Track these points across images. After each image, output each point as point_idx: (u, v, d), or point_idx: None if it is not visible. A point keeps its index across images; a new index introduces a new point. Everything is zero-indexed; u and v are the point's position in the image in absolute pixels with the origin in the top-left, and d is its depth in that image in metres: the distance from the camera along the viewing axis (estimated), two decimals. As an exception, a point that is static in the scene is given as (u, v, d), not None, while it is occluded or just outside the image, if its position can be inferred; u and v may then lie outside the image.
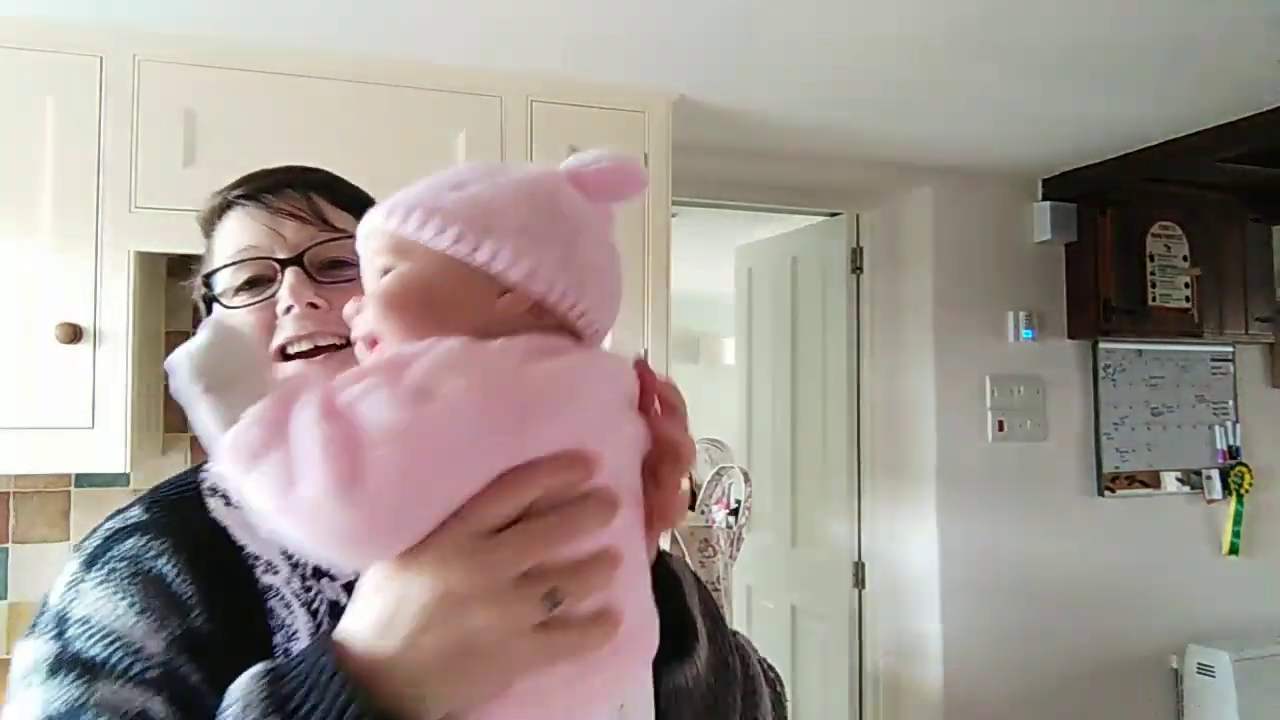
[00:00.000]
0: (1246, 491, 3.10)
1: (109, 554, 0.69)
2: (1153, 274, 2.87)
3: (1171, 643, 2.99)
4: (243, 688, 0.50)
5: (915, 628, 2.81)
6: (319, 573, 0.69)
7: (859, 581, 2.99)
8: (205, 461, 0.73)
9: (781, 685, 0.80)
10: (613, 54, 1.91)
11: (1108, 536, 2.93)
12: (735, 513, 2.89)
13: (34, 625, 0.67)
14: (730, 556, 2.84)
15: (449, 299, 0.53)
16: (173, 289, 2.13)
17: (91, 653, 0.62)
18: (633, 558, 0.52)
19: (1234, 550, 3.08)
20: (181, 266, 2.30)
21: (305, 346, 0.71)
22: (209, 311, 0.76)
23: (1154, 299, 2.87)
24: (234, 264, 0.73)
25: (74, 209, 1.71)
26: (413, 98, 1.92)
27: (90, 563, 0.69)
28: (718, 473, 2.97)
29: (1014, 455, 2.83)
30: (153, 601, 0.65)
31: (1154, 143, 2.50)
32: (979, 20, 1.75)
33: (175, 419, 2.12)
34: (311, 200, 0.75)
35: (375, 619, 0.48)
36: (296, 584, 0.69)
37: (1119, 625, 2.93)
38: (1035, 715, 2.80)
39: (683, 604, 0.67)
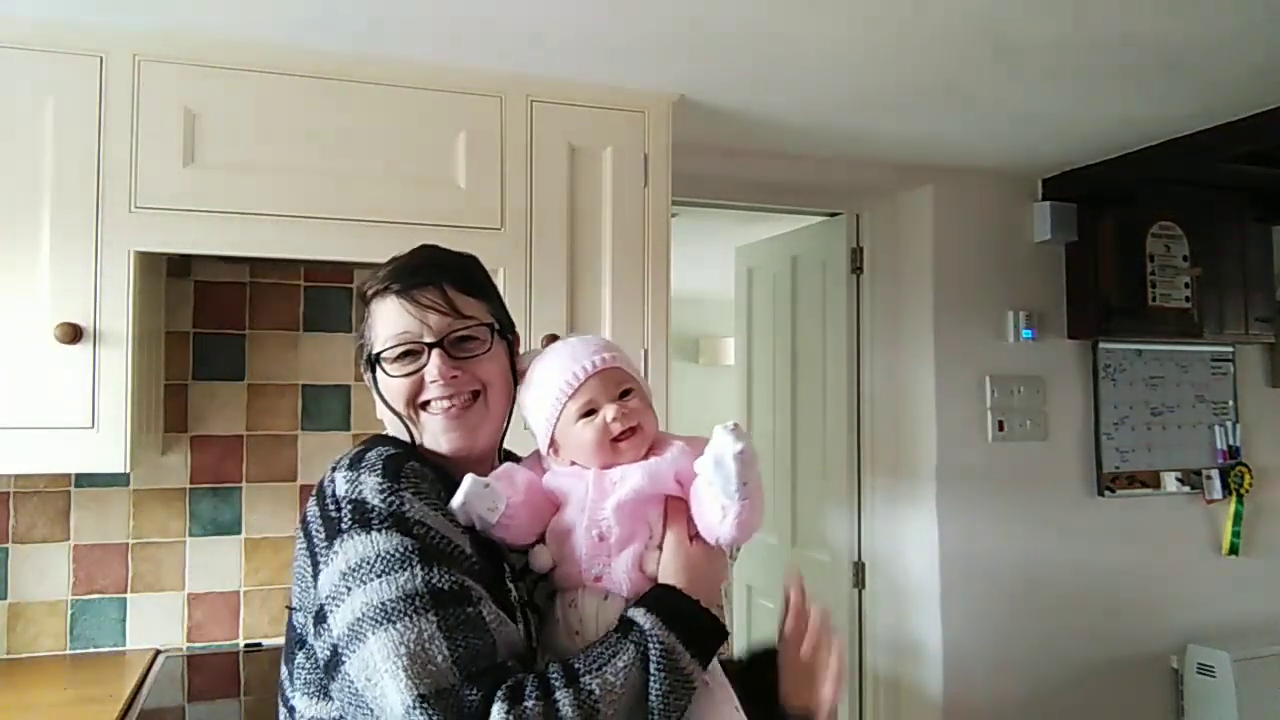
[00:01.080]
0: (1246, 491, 3.10)
1: (402, 470, 0.93)
2: (1153, 274, 2.87)
3: (1171, 643, 3.00)
4: (640, 615, 0.90)
5: (915, 628, 2.81)
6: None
7: (859, 581, 2.98)
8: (386, 434, 1.05)
9: None
10: (613, 54, 1.91)
11: (1108, 536, 2.93)
12: (735, 513, 2.88)
13: (363, 522, 0.88)
14: (730, 556, 2.84)
15: (650, 407, 1.05)
16: (172, 289, 2.13)
17: (444, 549, 0.89)
18: None
19: (1234, 550, 3.08)
20: (181, 266, 2.30)
21: (445, 405, 1.02)
22: (372, 370, 1.04)
23: (1154, 299, 2.87)
24: (395, 346, 1.01)
25: (74, 209, 1.71)
26: (413, 98, 1.92)
27: (393, 476, 0.92)
28: (718, 473, 2.96)
29: (1014, 455, 2.83)
30: (448, 515, 0.92)
31: (1154, 143, 2.51)
32: (979, 20, 1.75)
33: (175, 419, 2.13)
34: (446, 293, 1.02)
35: (688, 577, 0.94)
36: None
37: (1119, 625, 2.93)
38: (1035, 715, 2.80)
39: None
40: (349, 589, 0.86)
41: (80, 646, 2.04)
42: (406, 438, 1.04)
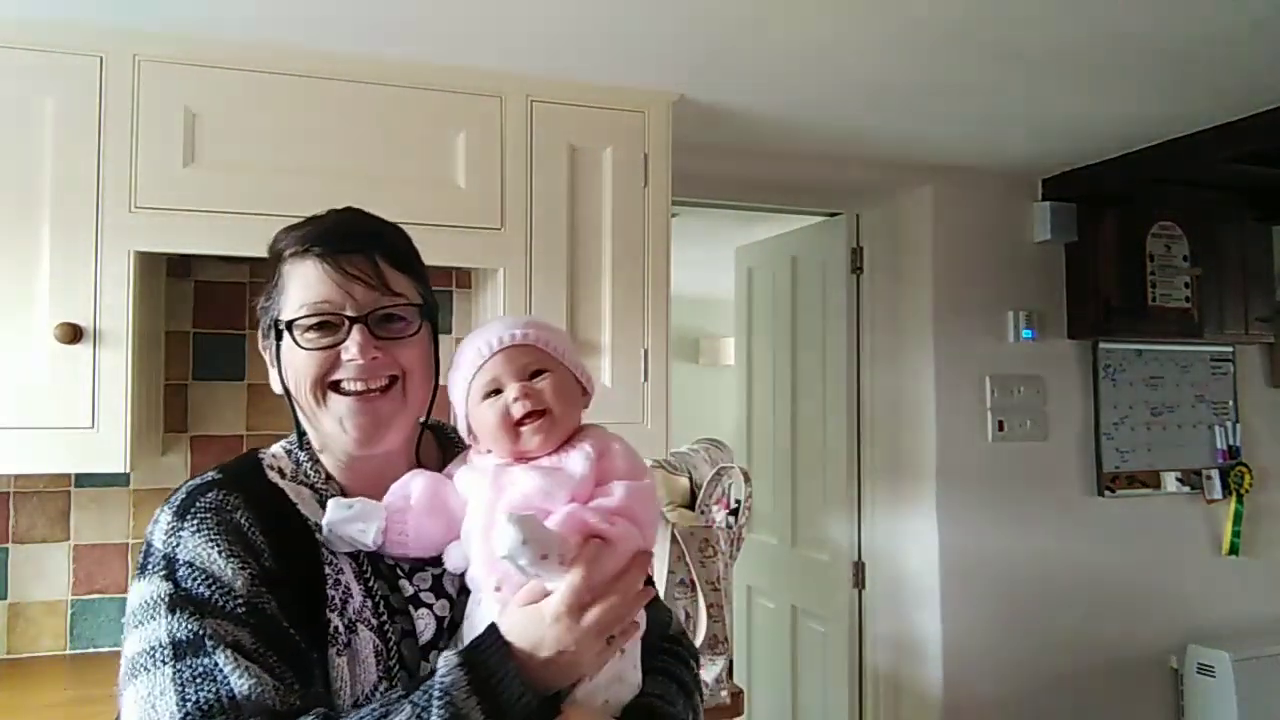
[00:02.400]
0: (1246, 491, 3.10)
1: (195, 506, 0.86)
2: (1153, 274, 2.87)
3: (1171, 643, 3.00)
4: (444, 673, 0.77)
5: (915, 628, 2.81)
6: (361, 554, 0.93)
7: (859, 581, 2.99)
8: (259, 448, 0.97)
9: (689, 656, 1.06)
10: (613, 54, 1.91)
11: (1108, 536, 2.93)
12: (735, 513, 2.88)
13: (143, 567, 0.85)
14: (730, 556, 2.84)
15: (571, 395, 0.98)
16: (173, 289, 2.13)
17: (198, 592, 0.81)
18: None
19: (1234, 550, 3.08)
20: (181, 266, 2.29)
21: (359, 388, 0.92)
22: (279, 337, 0.93)
23: (1154, 299, 2.87)
24: (310, 315, 0.91)
25: (74, 209, 1.71)
26: (413, 98, 1.92)
27: (182, 514, 0.86)
28: (718, 473, 2.96)
29: (1014, 455, 2.83)
30: (235, 548, 0.84)
31: (1154, 143, 2.51)
32: (978, 20, 1.75)
33: (175, 419, 2.13)
34: (377, 266, 0.92)
35: (530, 638, 0.81)
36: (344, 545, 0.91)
37: (1119, 625, 2.93)
38: (1035, 715, 2.80)
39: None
40: (125, 638, 0.83)
41: (80, 646, 2.04)
42: (298, 423, 0.97)
